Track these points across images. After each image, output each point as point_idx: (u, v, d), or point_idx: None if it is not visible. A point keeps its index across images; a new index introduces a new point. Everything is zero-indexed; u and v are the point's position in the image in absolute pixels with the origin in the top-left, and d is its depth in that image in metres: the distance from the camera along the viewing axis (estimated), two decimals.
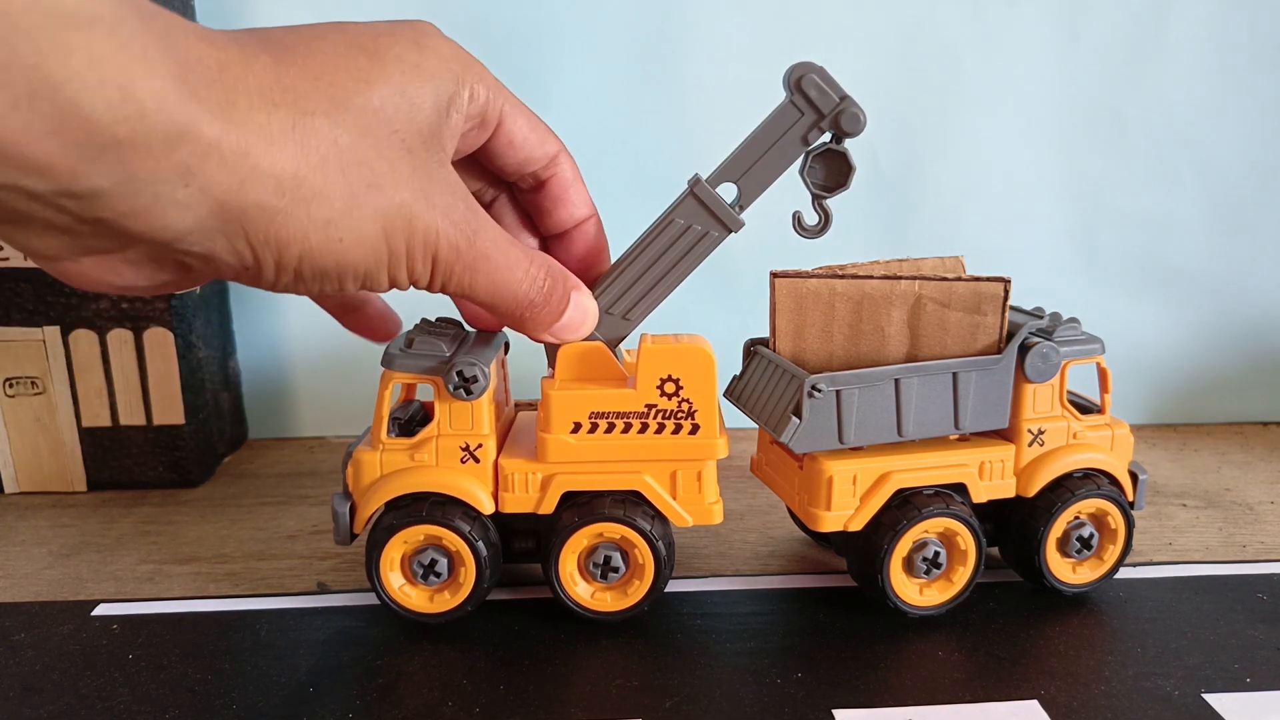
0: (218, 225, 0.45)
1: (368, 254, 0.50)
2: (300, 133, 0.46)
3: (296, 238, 0.47)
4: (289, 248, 0.47)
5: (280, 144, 0.45)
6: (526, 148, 0.62)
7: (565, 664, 0.66)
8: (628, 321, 0.69)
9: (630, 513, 0.68)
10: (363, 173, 0.48)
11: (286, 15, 1.02)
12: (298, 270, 0.49)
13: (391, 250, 0.51)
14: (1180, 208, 1.12)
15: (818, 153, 0.66)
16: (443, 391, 0.66)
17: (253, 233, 0.46)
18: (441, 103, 0.53)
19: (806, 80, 0.64)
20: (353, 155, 0.48)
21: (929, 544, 0.70)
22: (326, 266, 0.49)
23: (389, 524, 0.68)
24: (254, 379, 1.13)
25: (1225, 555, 0.83)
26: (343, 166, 0.47)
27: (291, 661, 0.66)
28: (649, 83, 1.06)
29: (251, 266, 0.48)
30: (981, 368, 0.69)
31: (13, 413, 0.95)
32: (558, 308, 0.63)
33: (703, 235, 0.67)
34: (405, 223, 0.51)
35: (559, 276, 0.62)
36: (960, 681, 0.63)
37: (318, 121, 0.46)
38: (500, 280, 0.58)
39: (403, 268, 0.52)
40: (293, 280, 0.50)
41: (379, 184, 0.49)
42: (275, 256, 0.47)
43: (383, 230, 0.50)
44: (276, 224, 0.46)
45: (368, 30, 0.52)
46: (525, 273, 0.59)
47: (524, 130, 0.62)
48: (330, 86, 0.48)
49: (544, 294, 0.61)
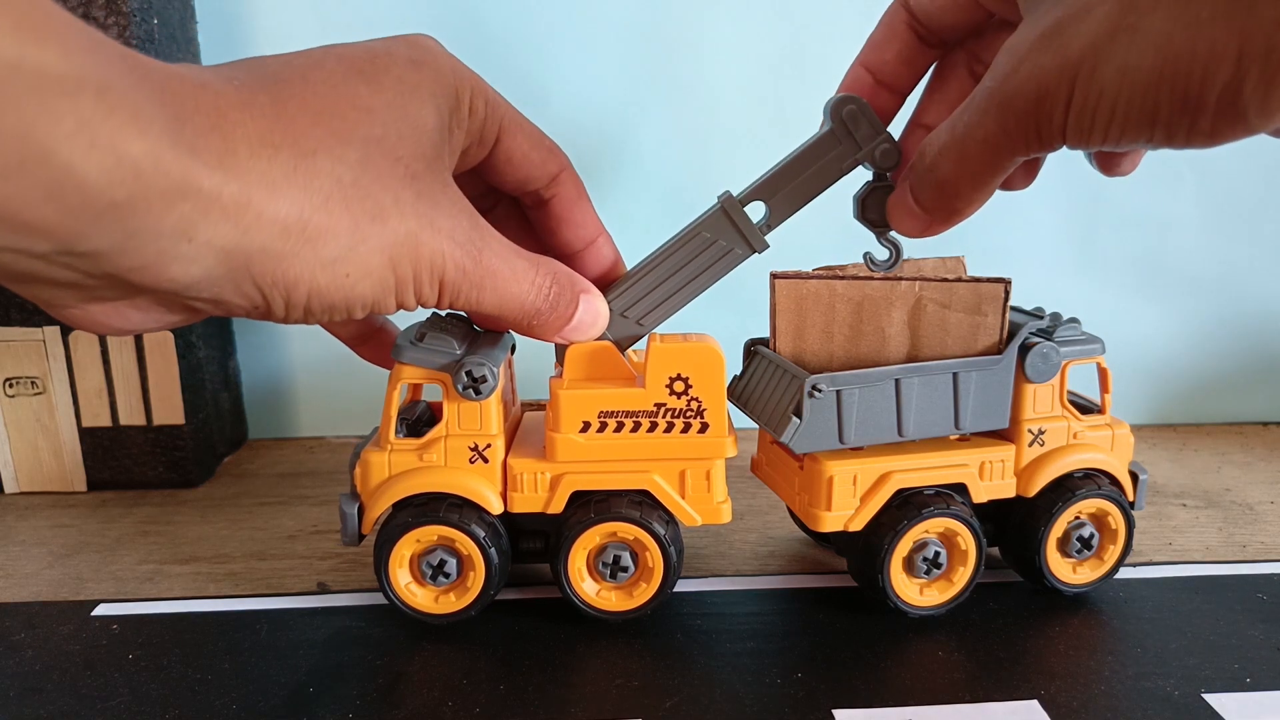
0: (224, 273, 0.44)
1: (375, 285, 0.50)
2: (303, 175, 0.45)
3: (304, 278, 0.47)
4: (297, 288, 0.47)
5: (283, 188, 0.44)
6: (526, 166, 0.62)
7: (565, 664, 0.66)
8: (640, 327, 0.70)
9: (646, 515, 0.68)
10: (367, 206, 0.48)
11: (287, 15, 1.02)
12: (307, 307, 0.49)
13: (399, 278, 0.51)
14: (1180, 208, 1.12)
15: (866, 193, 0.67)
16: (451, 391, 0.66)
17: (259, 276, 0.46)
18: (443, 121, 0.53)
19: (848, 112, 0.65)
20: (356, 190, 0.48)
21: (929, 544, 0.70)
22: (335, 301, 0.49)
23: (404, 520, 0.68)
24: (254, 379, 1.13)
25: (1225, 555, 0.83)
26: (346, 202, 0.47)
27: (291, 661, 0.66)
28: (648, 83, 1.06)
29: (261, 306, 0.48)
30: (982, 368, 0.69)
31: (13, 413, 0.95)
32: (566, 312, 0.62)
33: (727, 251, 0.68)
34: (411, 250, 0.51)
35: (566, 281, 0.62)
36: (960, 681, 0.63)
37: (319, 161, 0.46)
38: (506, 293, 0.57)
39: (410, 292, 0.52)
40: (302, 315, 0.50)
41: (383, 215, 0.49)
42: (284, 297, 0.47)
43: (389, 260, 0.50)
44: (283, 267, 0.46)
45: (364, 52, 0.52)
46: (531, 283, 0.59)
47: (524, 148, 0.61)
48: (331, 120, 0.47)
49: (550, 301, 0.61)
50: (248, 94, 0.45)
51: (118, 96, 0.38)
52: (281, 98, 0.46)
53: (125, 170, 0.38)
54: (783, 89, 1.05)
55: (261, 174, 0.44)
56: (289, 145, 0.45)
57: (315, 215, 0.46)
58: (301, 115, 0.46)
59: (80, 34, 0.38)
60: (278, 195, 0.44)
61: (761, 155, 0.71)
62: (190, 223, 0.41)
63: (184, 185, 0.40)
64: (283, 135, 0.45)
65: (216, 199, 0.42)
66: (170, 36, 0.93)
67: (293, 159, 0.45)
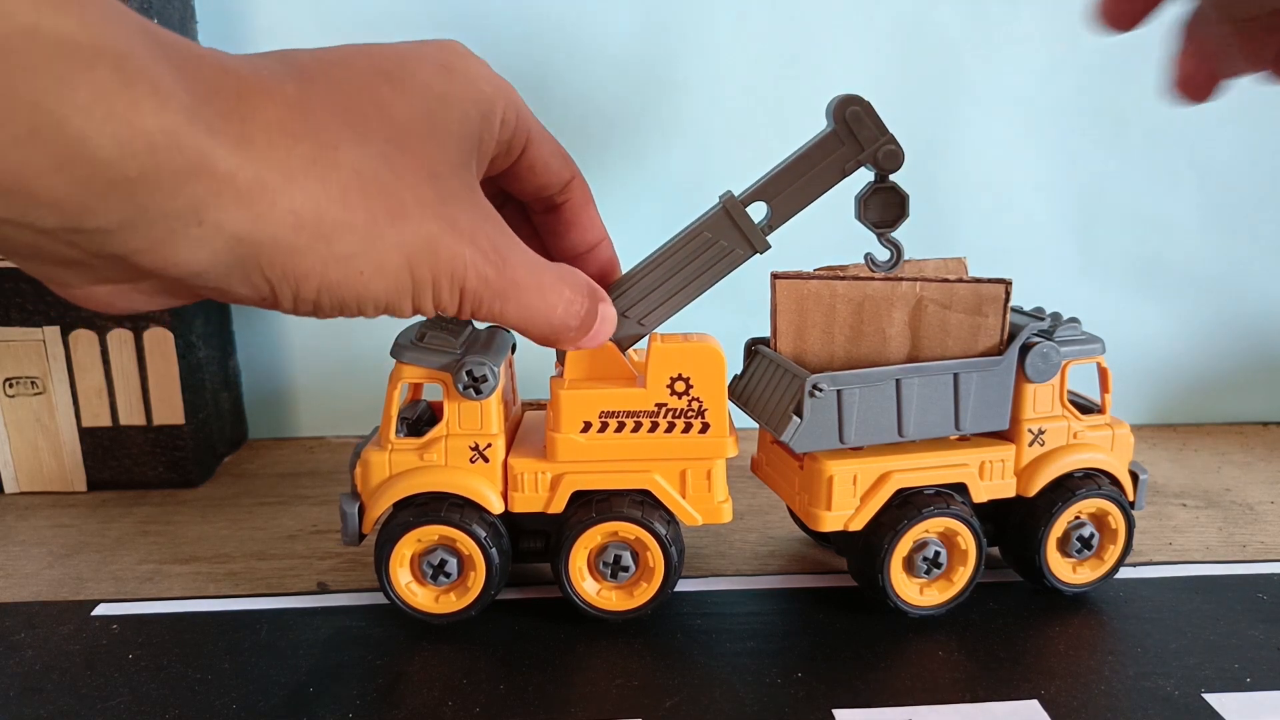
0: (233, 260, 0.43)
1: (389, 284, 0.48)
2: (322, 167, 0.44)
3: (315, 271, 0.46)
4: (307, 281, 0.46)
5: (300, 179, 0.43)
6: (546, 174, 0.61)
7: (565, 664, 0.66)
8: (642, 326, 0.70)
9: (648, 515, 0.68)
10: (387, 203, 0.47)
11: (287, 15, 1.02)
12: (316, 302, 0.47)
13: (416, 280, 0.49)
14: (1180, 208, 1.12)
15: (868, 194, 0.67)
16: (452, 391, 0.66)
17: (269, 267, 0.44)
18: (471, 129, 0.52)
19: (851, 113, 0.64)
20: (376, 185, 0.46)
21: (929, 544, 0.70)
22: (346, 298, 0.48)
23: (404, 520, 0.68)
24: (254, 379, 1.13)
25: (1225, 555, 0.83)
26: (366, 197, 0.46)
27: (291, 661, 0.66)
28: (649, 83, 1.06)
29: (269, 297, 0.47)
30: (982, 369, 0.69)
31: (13, 413, 0.95)
32: (588, 325, 0.61)
33: (728, 252, 0.68)
34: (430, 253, 0.49)
35: (591, 296, 0.60)
36: (960, 681, 0.63)
37: (341, 154, 0.45)
38: (532, 307, 0.56)
39: (428, 297, 0.51)
40: (311, 310, 0.48)
41: (404, 213, 0.47)
42: (293, 290, 0.46)
43: (406, 260, 0.48)
44: (294, 260, 0.45)
45: (393, 55, 0.50)
46: (560, 297, 0.57)
47: (545, 156, 0.60)
48: (354, 116, 0.46)
49: (580, 318, 0.59)
50: (274, 83, 0.44)
51: (137, 69, 0.37)
52: (307, 90, 0.45)
53: (139, 144, 0.37)
54: (783, 89, 1.05)
55: (280, 162, 0.43)
56: (310, 137, 0.44)
57: (331, 207, 0.45)
58: (325, 109, 0.45)
59: (102, 2, 0.37)
60: (295, 185, 0.43)
61: (762, 155, 0.72)
62: (202, 203, 0.40)
63: (198, 164, 0.39)
64: (305, 126, 0.44)
65: (231, 181, 0.41)
66: None
67: (313, 150, 0.44)
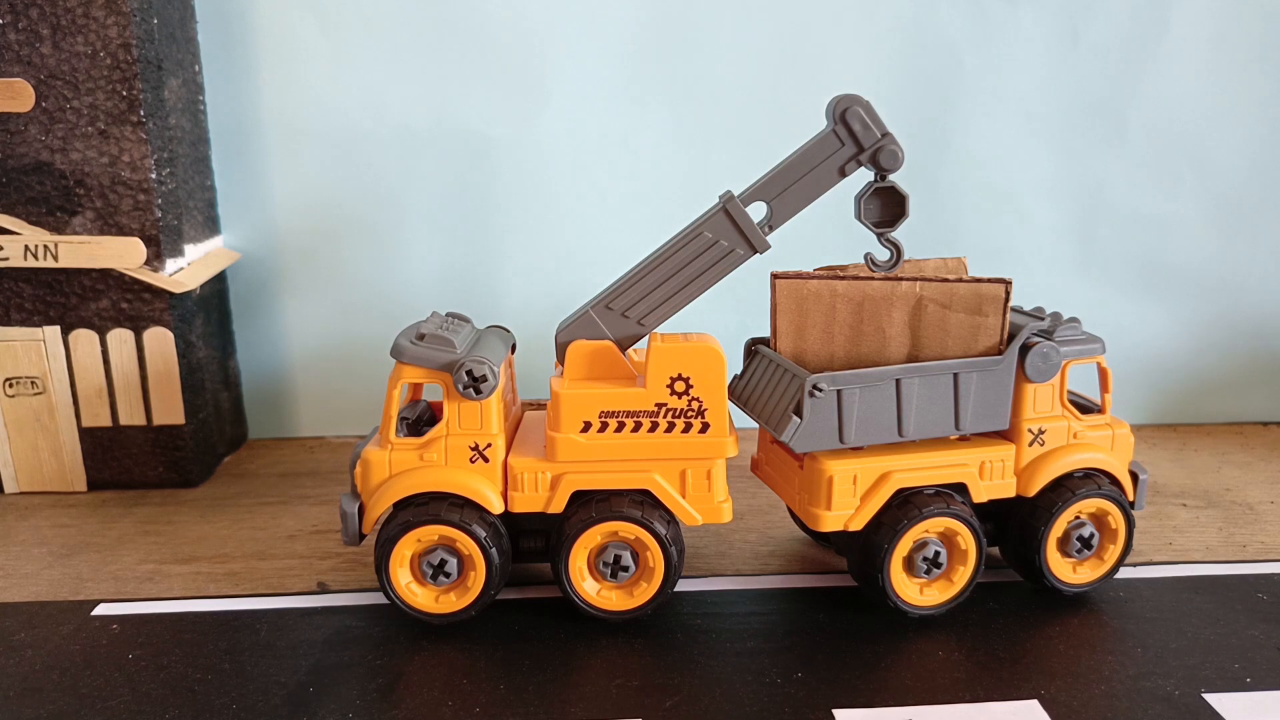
0: None
1: None
2: None
3: None
4: None
5: None
6: None
7: (565, 664, 0.66)
8: (641, 327, 0.70)
9: (648, 515, 0.68)
10: None
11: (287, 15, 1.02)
12: None
13: None
14: (1180, 208, 1.12)
15: (867, 194, 0.67)
16: (452, 390, 0.66)
17: None
18: None
19: (851, 113, 0.65)
20: None
21: (929, 544, 0.70)
22: None
23: (404, 520, 0.68)
24: (254, 379, 1.13)
25: (1225, 555, 0.83)
26: None
27: (291, 661, 0.66)
28: (648, 83, 1.06)
29: None
30: (982, 369, 0.69)
31: (13, 413, 0.95)
32: None
33: (728, 252, 0.68)
34: None
35: None
36: (960, 681, 0.63)
37: None
38: None
39: None
40: None
41: None
42: None
43: None
44: None
45: None
46: None
47: None
48: None
49: None
50: None
51: None
52: None
53: None
54: (783, 89, 1.05)
55: None
56: None
57: None
58: None
59: None
60: None
61: (762, 155, 0.72)
62: None
63: None
64: None
65: None
66: (170, 36, 0.93)
67: None
